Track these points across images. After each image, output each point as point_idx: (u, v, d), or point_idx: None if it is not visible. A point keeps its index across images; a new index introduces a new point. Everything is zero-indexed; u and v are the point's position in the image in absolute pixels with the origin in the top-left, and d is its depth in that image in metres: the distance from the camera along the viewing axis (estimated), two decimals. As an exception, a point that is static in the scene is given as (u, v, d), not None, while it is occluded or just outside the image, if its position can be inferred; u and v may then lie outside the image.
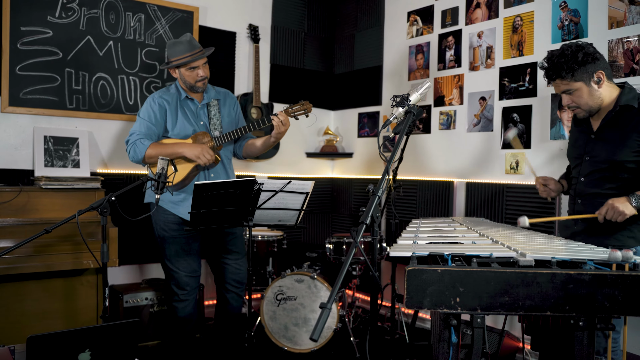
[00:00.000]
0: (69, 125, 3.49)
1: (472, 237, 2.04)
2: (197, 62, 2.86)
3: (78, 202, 3.13)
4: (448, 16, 3.88)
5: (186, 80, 2.90)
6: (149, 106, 2.88)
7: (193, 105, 2.96)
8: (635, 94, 2.21)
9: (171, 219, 2.90)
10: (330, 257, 3.75)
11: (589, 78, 2.18)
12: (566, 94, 2.25)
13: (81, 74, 3.53)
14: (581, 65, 2.16)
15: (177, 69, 2.90)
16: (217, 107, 2.99)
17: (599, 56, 2.19)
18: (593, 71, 2.17)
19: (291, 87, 4.68)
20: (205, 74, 2.91)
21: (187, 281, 2.93)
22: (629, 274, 1.46)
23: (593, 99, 2.22)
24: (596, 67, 2.18)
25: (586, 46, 2.20)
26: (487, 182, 3.57)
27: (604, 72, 2.19)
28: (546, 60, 2.26)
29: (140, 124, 2.85)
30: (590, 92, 2.21)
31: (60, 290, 3.04)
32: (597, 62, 2.18)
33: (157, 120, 2.86)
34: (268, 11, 4.55)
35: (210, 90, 3.04)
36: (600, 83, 2.19)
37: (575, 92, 2.22)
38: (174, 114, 2.89)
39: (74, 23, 3.50)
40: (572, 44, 2.22)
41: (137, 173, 3.75)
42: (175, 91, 2.96)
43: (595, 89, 2.20)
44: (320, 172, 4.95)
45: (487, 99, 3.59)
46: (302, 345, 3.45)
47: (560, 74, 2.20)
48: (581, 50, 2.17)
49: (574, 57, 2.16)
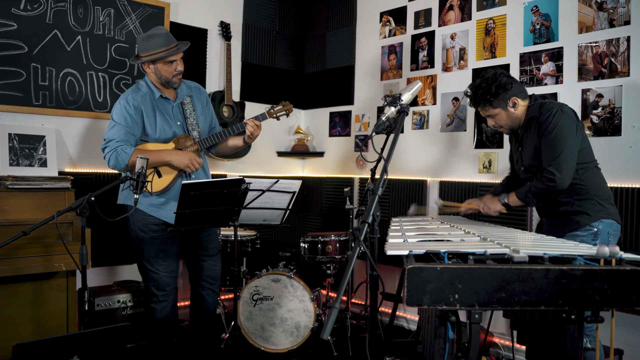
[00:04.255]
0: (35, 123, 3.35)
1: (458, 234, 2.08)
2: (174, 56, 2.78)
3: (47, 202, 3.00)
4: (421, 17, 3.94)
5: (162, 75, 2.80)
6: (124, 109, 2.75)
7: (168, 105, 2.88)
8: (538, 104, 2.48)
9: (151, 220, 2.82)
10: (305, 257, 3.74)
11: (505, 104, 2.49)
12: (489, 118, 2.58)
13: (48, 69, 3.38)
14: (495, 96, 2.47)
15: (152, 63, 2.80)
16: (191, 104, 2.92)
17: (510, 86, 2.48)
18: (507, 98, 2.48)
19: (262, 85, 4.65)
20: (181, 68, 2.83)
21: (167, 281, 2.87)
22: (617, 268, 1.52)
23: (512, 120, 2.53)
24: (510, 94, 2.48)
25: (500, 77, 2.49)
26: (461, 181, 3.64)
27: (517, 97, 2.49)
28: (470, 89, 2.57)
29: (117, 130, 2.72)
30: (508, 115, 2.52)
31: (28, 295, 2.91)
32: (510, 90, 2.47)
33: (135, 123, 2.75)
34: (239, 9, 4.49)
35: (182, 85, 2.96)
36: (515, 106, 2.50)
37: (496, 117, 2.54)
38: (151, 117, 2.80)
39: (40, 16, 3.35)
40: (487, 76, 2.51)
41: (107, 172, 3.63)
42: (147, 90, 2.84)
43: (512, 112, 2.51)
44: (291, 171, 4.93)
45: (460, 100, 3.66)
46: (279, 345, 3.43)
47: (479, 104, 2.54)
48: (494, 82, 2.47)
49: (488, 90, 2.48)
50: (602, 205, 2.41)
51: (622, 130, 2.88)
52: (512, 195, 2.51)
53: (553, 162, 2.33)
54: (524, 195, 2.45)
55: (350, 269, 1.35)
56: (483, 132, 3.51)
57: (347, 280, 1.32)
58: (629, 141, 2.86)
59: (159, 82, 2.84)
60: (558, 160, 2.32)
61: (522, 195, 2.46)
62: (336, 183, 4.63)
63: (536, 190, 2.39)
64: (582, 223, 2.38)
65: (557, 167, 2.32)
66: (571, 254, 1.65)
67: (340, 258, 3.70)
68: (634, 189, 2.83)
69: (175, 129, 2.87)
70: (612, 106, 2.91)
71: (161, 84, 2.85)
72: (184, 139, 2.84)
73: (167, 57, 2.76)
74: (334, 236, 3.69)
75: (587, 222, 2.38)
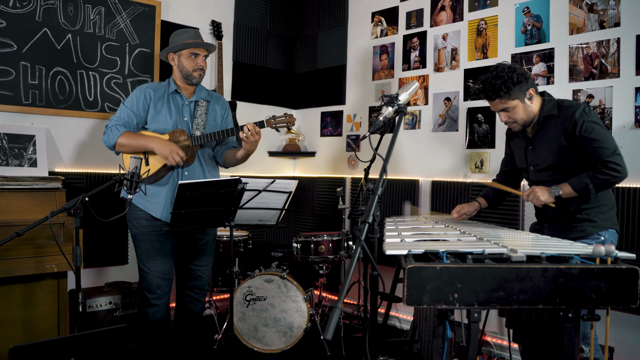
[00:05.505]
0: (24, 122, 3.30)
1: (454, 234, 2.09)
2: (199, 49, 2.84)
3: (37, 203, 2.97)
4: (413, 18, 3.96)
5: (184, 68, 2.83)
6: (135, 95, 2.82)
7: (180, 100, 2.88)
8: (553, 102, 2.44)
9: (141, 214, 2.80)
10: (298, 257, 3.74)
11: (523, 95, 2.40)
12: (503, 112, 2.46)
13: (37, 67, 3.34)
14: (516, 84, 2.37)
15: (177, 54, 2.84)
16: (205, 108, 2.90)
17: (528, 75, 2.42)
18: (526, 89, 2.40)
19: (254, 85, 4.63)
20: (203, 65, 2.86)
21: (158, 283, 2.82)
22: (613, 267, 1.54)
23: (527, 114, 2.44)
24: (528, 85, 2.39)
25: (517, 67, 2.41)
26: (453, 181, 3.67)
27: (534, 89, 2.42)
28: (480, 82, 2.45)
29: (122, 111, 2.79)
30: (524, 108, 2.43)
31: (18, 297, 2.86)
32: (528, 80, 2.40)
33: (139, 109, 2.79)
34: (231, 8, 4.48)
35: (203, 90, 2.97)
36: (532, 99, 2.42)
37: (512, 109, 2.43)
38: (157, 105, 2.81)
39: (30, 14, 3.31)
40: (504, 65, 2.42)
41: (98, 173, 3.60)
42: (165, 84, 2.91)
43: (529, 105, 2.43)
44: (282, 171, 4.92)
45: (452, 100, 3.69)
46: (272, 346, 3.43)
47: (499, 93, 2.40)
48: (514, 71, 2.38)
49: (509, 78, 2.37)
50: (608, 215, 2.39)
51: (612, 131, 2.92)
52: (566, 186, 2.35)
53: (612, 155, 2.28)
54: (583, 186, 2.31)
55: (352, 269, 1.36)
56: (475, 132, 3.54)
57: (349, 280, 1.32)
58: (619, 141, 2.89)
59: (180, 76, 2.87)
60: (617, 152, 2.29)
61: (580, 187, 2.32)
62: (328, 183, 4.63)
63: (599, 182, 2.29)
64: (588, 231, 2.35)
65: (616, 158, 2.28)
66: (568, 253, 1.66)
67: (333, 258, 3.71)
68: (624, 189, 2.87)
69: (178, 122, 2.84)
70: (602, 107, 2.95)
71: (183, 79, 2.86)
72: (179, 132, 2.82)
73: (192, 47, 2.80)
74: (326, 236, 3.69)
75: (593, 231, 2.35)
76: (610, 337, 2.93)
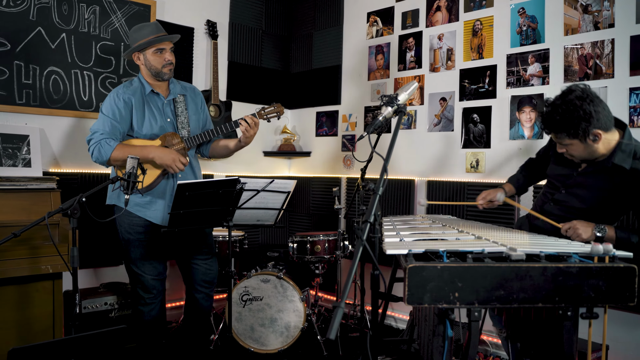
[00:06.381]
0: (18, 122, 3.27)
1: (452, 233, 2.10)
2: (164, 43, 2.74)
3: (32, 203, 2.94)
4: (408, 18, 3.97)
5: (152, 66, 2.76)
6: (113, 102, 2.71)
7: (159, 101, 2.83)
8: (631, 149, 2.17)
9: (137, 221, 2.78)
10: (294, 257, 3.73)
11: (584, 136, 2.11)
12: (562, 145, 2.23)
13: (31, 67, 3.32)
14: (576, 127, 2.10)
15: (142, 53, 2.76)
16: (184, 103, 2.87)
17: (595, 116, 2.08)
18: (589, 131, 2.09)
19: (249, 85, 4.63)
20: (172, 59, 2.79)
21: (153, 284, 2.83)
22: (611, 265, 1.55)
23: (589, 153, 2.19)
24: (592, 127, 2.08)
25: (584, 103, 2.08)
26: (448, 181, 3.68)
27: (601, 132, 2.10)
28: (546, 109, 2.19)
29: (104, 122, 2.68)
30: (585, 147, 2.17)
31: (13, 298, 2.83)
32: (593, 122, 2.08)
33: (122, 117, 2.71)
34: (226, 7, 4.47)
35: (176, 84, 2.92)
36: (597, 141, 2.13)
37: (570, 147, 2.20)
38: (139, 111, 2.75)
39: (24, 12, 3.28)
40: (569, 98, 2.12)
41: (93, 172, 3.58)
42: (138, 84, 2.81)
43: (591, 145, 2.15)
44: (277, 171, 4.92)
45: (447, 100, 3.70)
46: (269, 346, 3.42)
47: (554, 131, 2.19)
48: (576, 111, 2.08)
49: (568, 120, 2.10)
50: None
51: (606, 131, 2.94)
52: (611, 230, 2.16)
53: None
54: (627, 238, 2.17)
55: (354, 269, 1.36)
56: (470, 132, 3.55)
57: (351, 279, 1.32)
58: (613, 141, 2.92)
59: (150, 74, 2.80)
60: None
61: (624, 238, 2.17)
62: (323, 183, 4.63)
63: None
64: None
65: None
66: (566, 251, 1.67)
67: (329, 258, 3.71)
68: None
69: (164, 125, 2.81)
70: (597, 107, 2.96)
71: (153, 77, 2.80)
72: (171, 136, 2.80)
73: (155, 44, 2.71)
74: (322, 236, 3.69)
75: None
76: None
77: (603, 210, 2.27)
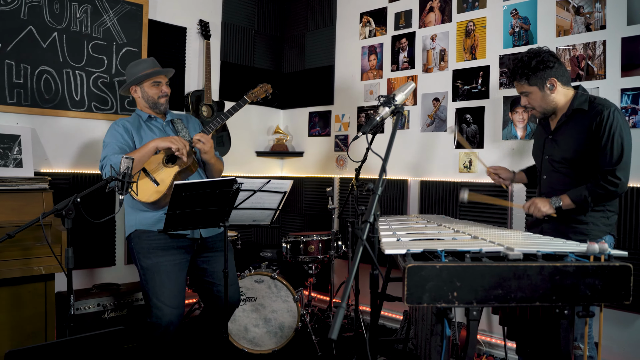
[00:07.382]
0: (9, 122, 3.24)
1: (449, 233, 2.11)
2: (160, 77, 2.81)
3: (23, 204, 2.91)
4: (401, 19, 3.98)
5: (149, 97, 2.79)
6: (114, 130, 2.71)
7: (158, 123, 2.84)
8: (586, 97, 2.38)
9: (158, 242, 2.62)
10: (287, 257, 3.73)
11: (542, 84, 2.37)
12: (523, 95, 2.46)
13: (22, 66, 3.28)
14: (534, 72, 2.35)
15: (139, 86, 2.80)
16: (183, 124, 2.89)
17: (552, 64, 2.35)
18: (546, 78, 2.36)
19: (241, 85, 4.61)
20: (167, 91, 2.85)
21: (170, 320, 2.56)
22: (607, 264, 1.57)
23: (546, 102, 2.42)
24: (549, 74, 2.35)
25: (543, 53, 2.37)
26: (441, 181, 3.70)
27: (556, 79, 2.36)
28: (511, 62, 2.46)
29: (110, 147, 2.64)
30: (543, 96, 2.40)
31: (5, 300, 2.81)
32: (551, 69, 2.35)
33: (125, 139, 2.69)
34: (218, 7, 4.45)
35: (172, 114, 2.95)
36: (553, 89, 2.38)
37: (530, 95, 2.43)
38: (139, 133, 2.75)
39: (14, 11, 3.25)
40: (532, 50, 2.40)
41: (84, 173, 3.54)
42: (135, 116, 2.83)
43: (548, 94, 2.39)
44: (269, 171, 4.91)
45: (440, 100, 3.72)
46: (263, 346, 3.42)
47: (515, 77, 2.43)
48: (536, 57, 2.35)
49: (527, 64, 2.36)
50: (610, 220, 2.37)
51: (598, 131, 2.97)
52: (565, 197, 2.33)
53: (616, 167, 2.24)
54: (582, 198, 2.29)
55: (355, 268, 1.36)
56: (463, 132, 3.57)
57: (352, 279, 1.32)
58: (605, 141, 2.95)
59: (147, 106, 2.83)
60: (621, 165, 2.24)
61: (579, 199, 2.30)
62: (316, 183, 4.63)
63: (597, 196, 2.28)
64: (591, 235, 2.31)
65: (620, 171, 2.24)
66: (562, 251, 1.69)
67: (323, 258, 3.71)
68: (610, 188, 2.92)
69: None
70: (588, 107, 3.00)
71: (150, 108, 2.83)
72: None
73: (152, 77, 2.77)
74: (316, 236, 3.69)
75: (597, 235, 2.31)
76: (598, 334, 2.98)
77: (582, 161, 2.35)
